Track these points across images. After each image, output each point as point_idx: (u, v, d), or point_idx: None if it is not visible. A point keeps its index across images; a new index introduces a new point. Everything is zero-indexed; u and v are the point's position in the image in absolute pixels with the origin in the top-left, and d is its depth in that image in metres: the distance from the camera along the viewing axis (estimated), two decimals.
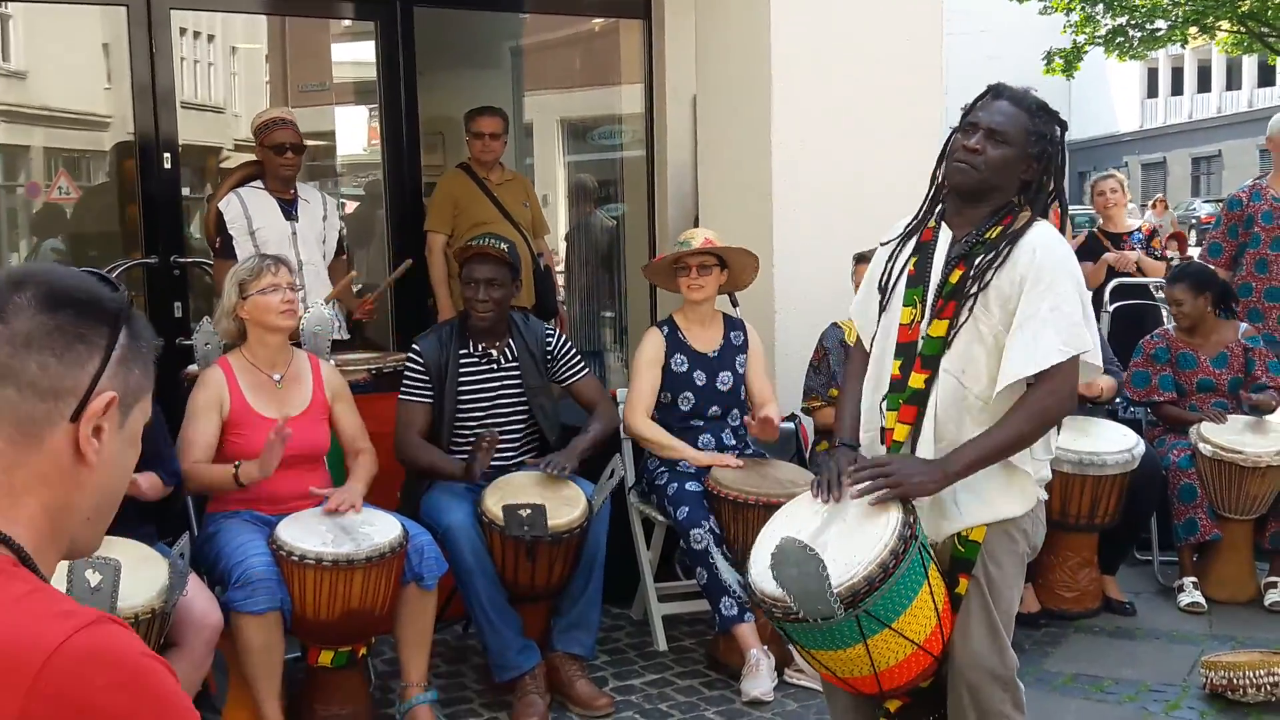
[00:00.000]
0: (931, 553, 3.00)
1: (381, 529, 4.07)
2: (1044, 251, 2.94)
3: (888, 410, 3.09)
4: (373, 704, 4.37)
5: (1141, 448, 5.20)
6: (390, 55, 6.76)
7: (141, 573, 3.58)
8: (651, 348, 4.99)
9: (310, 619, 3.97)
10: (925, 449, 3.01)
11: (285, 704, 4.05)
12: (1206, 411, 5.53)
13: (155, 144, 6.08)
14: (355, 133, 11.39)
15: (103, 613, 1.28)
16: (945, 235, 3.10)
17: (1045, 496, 3.16)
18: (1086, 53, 24.71)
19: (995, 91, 3.08)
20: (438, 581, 4.17)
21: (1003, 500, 3.03)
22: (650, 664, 4.85)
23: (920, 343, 3.04)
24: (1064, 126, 3.11)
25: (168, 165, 6.13)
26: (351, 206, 11.33)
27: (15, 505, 1.33)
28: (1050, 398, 2.92)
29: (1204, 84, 43.64)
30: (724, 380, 4.98)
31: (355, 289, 6.37)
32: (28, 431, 1.33)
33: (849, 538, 2.91)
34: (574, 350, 4.85)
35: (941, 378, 3.00)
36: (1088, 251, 7.34)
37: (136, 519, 3.96)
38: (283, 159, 5.51)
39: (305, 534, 3.99)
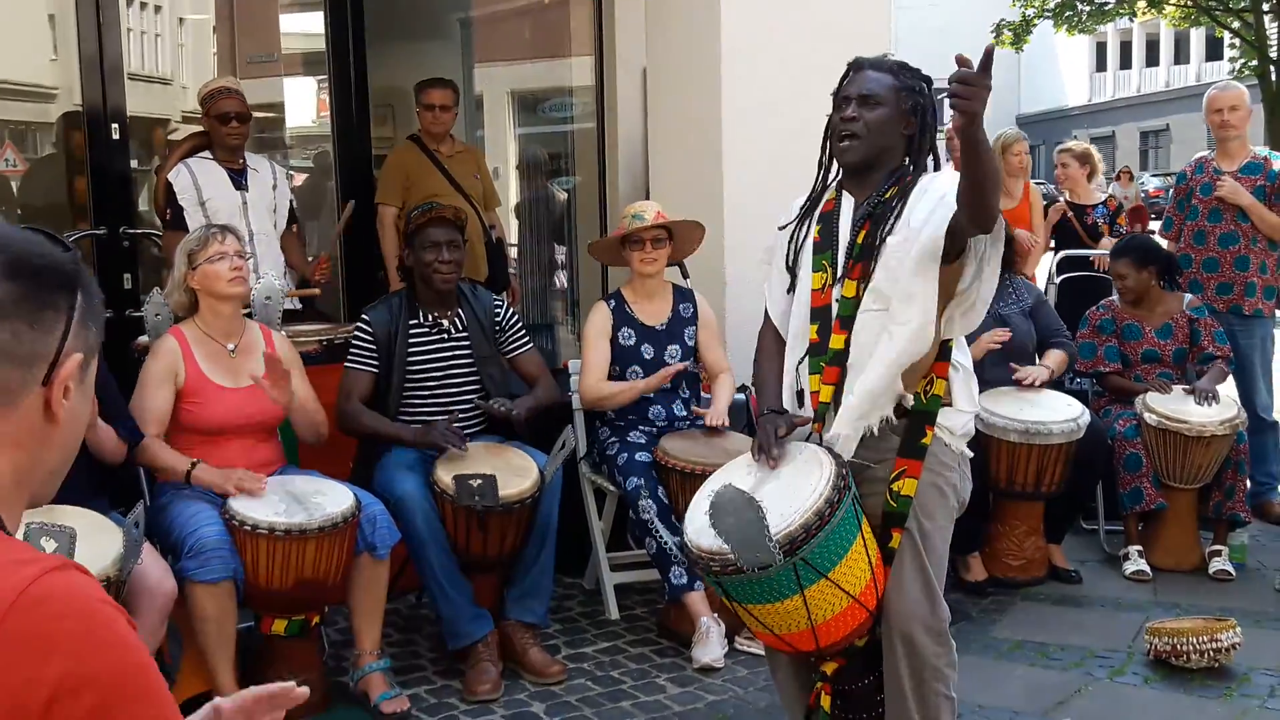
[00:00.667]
0: (863, 509, 3.07)
1: (334, 499, 4.08)
2: (934, 176, 3.14)
3: (809, 373, 3.18)
4: (326, 672, 4.39)
5: (1087, 417, 5.28)
6: (339, 26, 6.71)
7: (96, 541, 3.56)
8: (599, 321, 5.01)
9: (263, 588, 3.97)
10: (848, 403, 3.09)
11: (239, 672, 4.05)
12: (1152, 382, 5.62)
13: (103, 115, 6.00)
14: (304, 104, 11.30)
15: (66, 558, 1.30)
16: (848, 202, 3.21)
17: (970, 454, 3.25)
18: (1036, 25, 24.88)
19: (855, 65, 3.20)
20: (390, 551, 4.19)
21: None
22: (602, 632, 4.90)
23: (835, 305, 3.13)
24: (929, 81, 3.21)
25: (116, 136, 6.06)
26: (300, 179, 11.27)
27: None
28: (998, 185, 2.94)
29: (1152, 58, 44.07)
30: (672, 353, 5.00)
31: (309, 257, 6.34)
32: (2, 399, 1.34)
33: (783, 493, 2.97)
34: (520, 323, 4.87)
35: (860, 318, 3.08)
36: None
37: (90, 489, 3.95)
38: (228, 128, 5.48)
39: (258, 504, 3.99)
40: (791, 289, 3.29)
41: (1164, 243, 6.31)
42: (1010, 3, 24.74)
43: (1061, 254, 7.29)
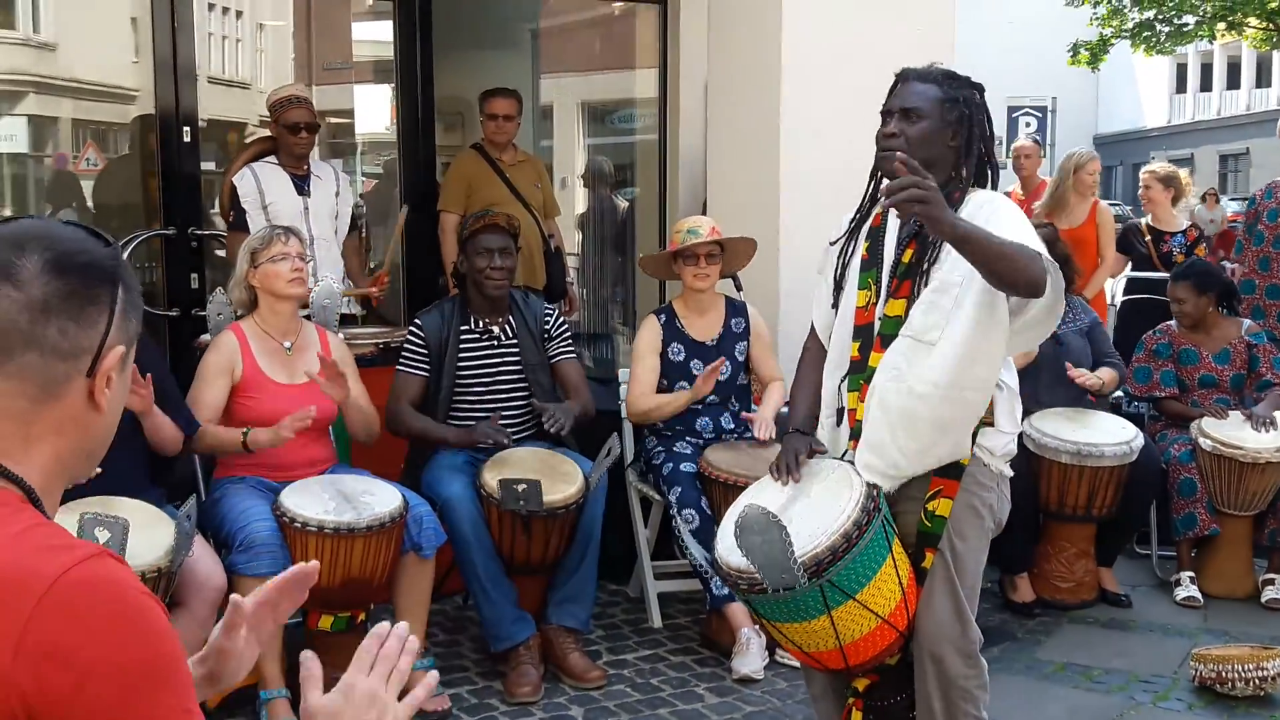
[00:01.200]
0: (895, 529, 3.05)
1: (382, 499, 4.15)
2: (989, 201, 3.05)
3: (849, 391, 3.15)
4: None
5: (1140, 440, 5.23)
6: (408, 34, 6.81)
7: (149, 533, 3.67)
8: (649, 336, 5.04)
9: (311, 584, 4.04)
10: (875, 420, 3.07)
11: (285, 665, 4.14)
12: (1208, 407, 5.56)
13: (175, 117, 6.13)
14: (376, 111, 11.47)
15: (103, 547, 1.36)
16: (894, 217, 3.15)
17: (1010, 473, 3.21)
18: (1113, 45, 24.62)
19: (902, 76, 3.16)
20: (436, 552, 4.25)
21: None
22: (644, 640, 4.93)
23: (878, 323, 3.10)
24: (979, 89, 3.16)
25: (187, 139, 6.18)
26: (370, 184, 11.42)
27: (29, 453, 1.41)
28: (1029, 258, 2.85)
29: (1233, 80, 43.37)
30: (722, 369, 5.02)
31: (372, 265, 6.44)
32: (49, 390, 1.41)
33: (813, 512, 2.97)
34: (568, 332, 4.93)
35: (898, 342, 3.05)
36: (1122, 244, 7.33)
37: (145, 482, 4.08)
38: (296, 138, 5.59)
39: (309, 501, 4.07)
40: (836, 305, 3.27)
41: (1236, 268, 6.24)
42: (1088, 22, 24.50)
43: (1128, 275, 7.22)
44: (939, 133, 3.08)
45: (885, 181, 3.09)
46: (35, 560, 1.28)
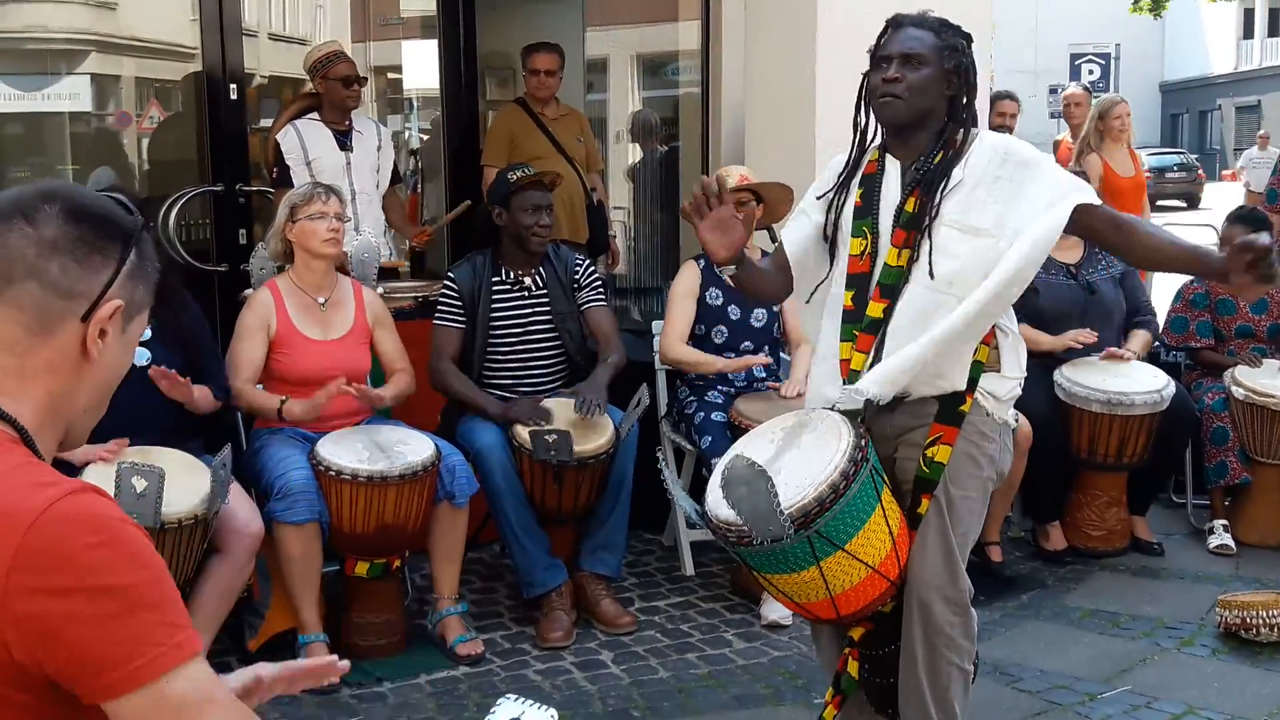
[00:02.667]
0: (885, 478, 3.05)
1: (415, 448, 4.26)
2: (1009, 152, 3.04)
3: (841, 341, 3.12)
4: (408, 615, 4.58)
5: (1171, 389, 5.23)
6: None
7: (185, 481, 3.80)
8: (687, 279, 5.10)
9: (347, 532, 4.18)
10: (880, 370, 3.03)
11: (324, 611, 4.28)
12: (1243, 356, 5.55)
13: (223, 75, 6.23)
14: (427, 67, 11.53)
15: (86, 482, 1.46)
16: (893, 165, 3.11)
17: (1015, 424, 3.21)
18: None
19: (895, 22, 3.11)
20: (469, 500, 4.36)
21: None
22: (676, 587, 5.03)
23: (878, 271, 3.06)
24: (969, 39, 3.13)
25: (234, 96, 6.29)
26: (423, 139, 11.51)
27: (24, 388, 1.50)
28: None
29: None
30: (758, 316, 5.07)
31: (421, 221, 6.53)
32: (44, 324, 1.49)
33: (802, 462, 2.97)
34: (598, 280, 5.00)
35: (911, 291, 3.02)
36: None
37: (187, 432, 4.21)
38: (350, 91, 5.70)
39: (343, 451, 4.19)
40: (833, 259, 3.21)
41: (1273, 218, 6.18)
42: None
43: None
44: (937, 80, 3.04)
45: (874, 124, 3.15)
46: (21, 496, 1.38)
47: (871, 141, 3.20)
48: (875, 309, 3.06)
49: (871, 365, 3.05)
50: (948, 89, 3.07)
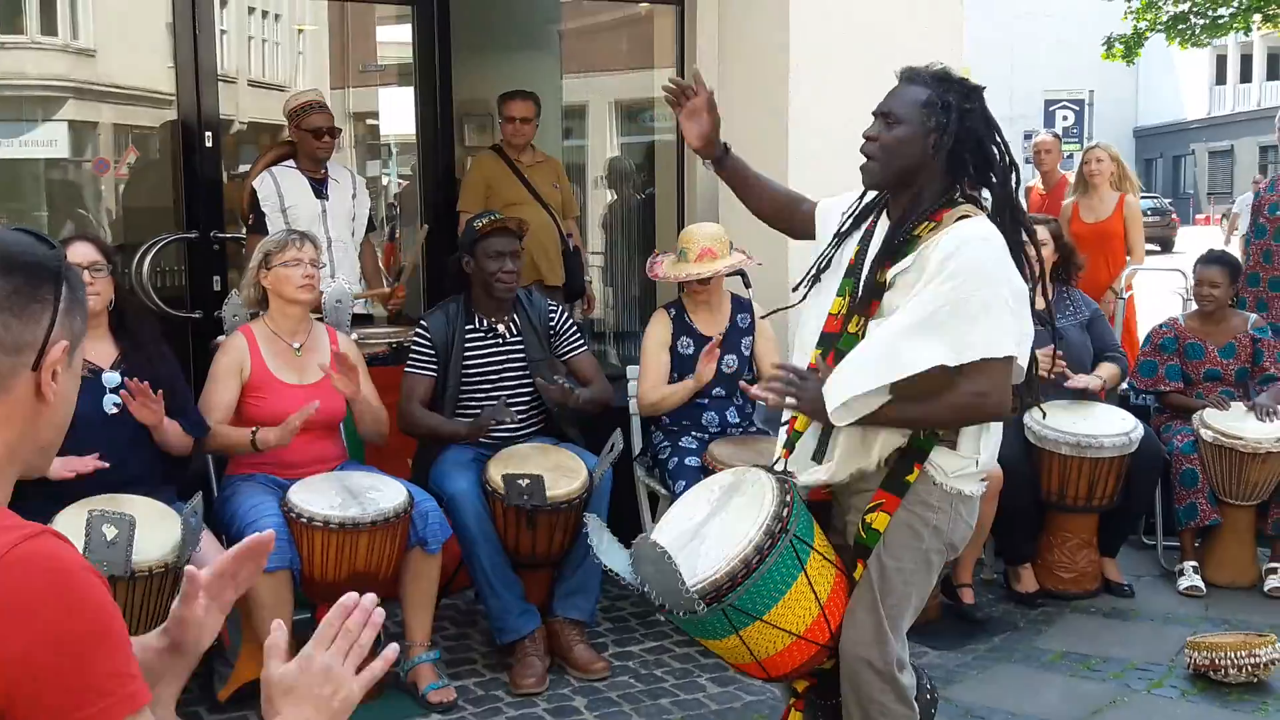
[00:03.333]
0: (814, 544, 2.96)
1: (388, 494, 4.27)
2: (949, 255, 2.82)
3: None
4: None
5: (1140, 431, 5.29)
6: (426, 36, 6.92)
7: (156, 529, 3.80)
8: (659, 331, 5.15)
9: (318, 579, 4.17)
10: (832, 458, 3.01)
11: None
12: (1211, 399, 5.60)
13: (197, 121, 6.25)
14: (403, 113, 11.62)
15: (46, 527, 1.47)
16: (883, 225, 3.04)
17: (975, 495, 3.06)
18: (1148, 38, 24.43)
19: (900, 77, 3.02)
20: (441, 546, 4.36)
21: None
22: (650, 632, 5.02)
23: (840, 337, 2.99)
24: (975, 92, 2.95)
25: (209, 143, 6.31)
26: (397, 186, 11.57)
27: None
28: (975, 398, 2.83)
29: (1273, 71, 43.03)
30: (728, 363, 5.11)
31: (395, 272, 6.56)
32: None
33: (724, 531, 2.92)
34: (574, 326, 5.04)
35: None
36: None
37: (158, 479, 4.20)
38: (320, 142, 5.74)
39: (315, 497, 4.20)
40: (811, 287, 3.15)
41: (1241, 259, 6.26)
42: (1122, 15, 24.33)
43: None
44: (916, 138, 2.90)
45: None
46: None
47: (871, 200, 3.11)
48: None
49: (819, 439, 3.03)
50: (933, 147, 2.91)
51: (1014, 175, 3.02)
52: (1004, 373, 2.86)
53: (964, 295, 2.79)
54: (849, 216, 3.14)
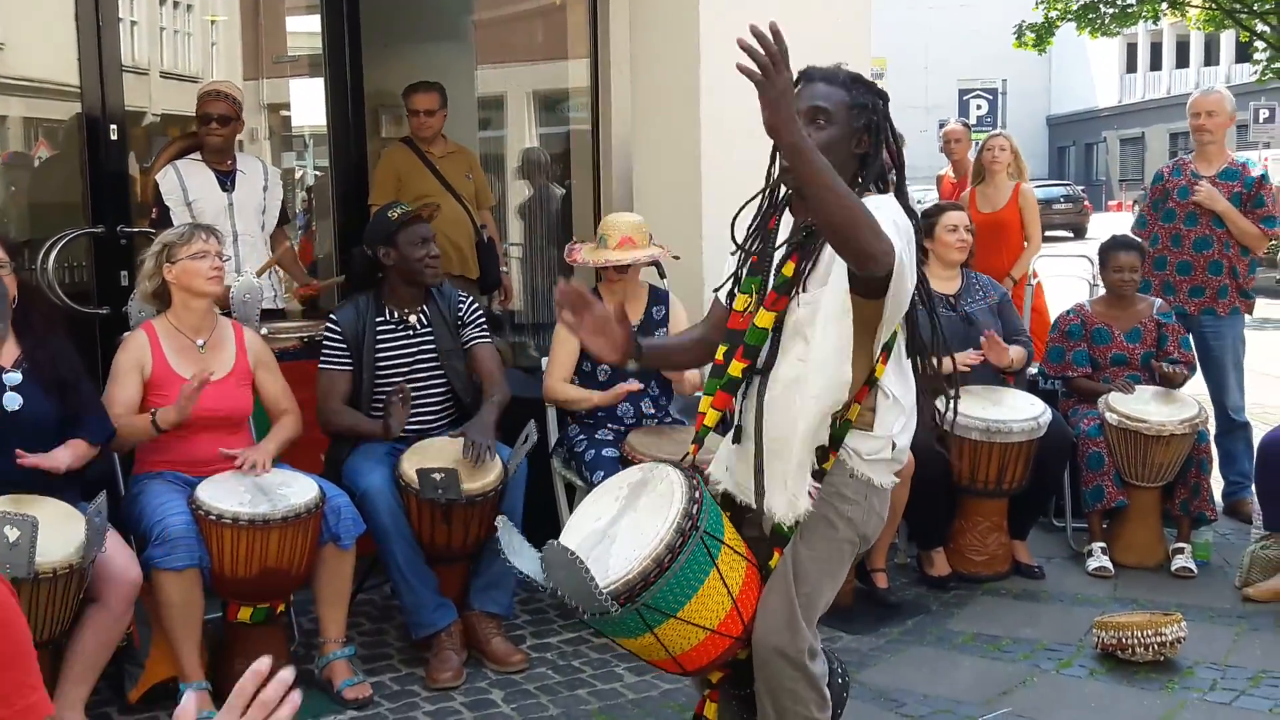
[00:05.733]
0: (724, 538, 2.96)
1: (299, 490, 4.22)
2: (876, 208, 2.74)
3: (705, 394, 3.07)
4: (294, 659, 4.52)
5: (1048, 416, 5.38)
6: (336, 26, 6.85)
7: (60, 530, 3.72)
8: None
9: (228, 577, 4.12)
10: (747, 441, 3.03)
11: (206, 658, 4.22)
12: (1117, 383, 5.70)
13: (102, 114, 6.14)
14: (316, 105, 11.48)
15: None
16: (788, 221, 3.04)
17: (888, 486, 3.08)
18: (1059, 27, 24.81)
19: (806, 76, 2.98)
20: (355, 542, 4.33)
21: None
22: (568, 624, 5.01)
23: (747, 333, 2.98)
24: (884, 98, 3.02)
25: (114, 136, 6.20)
26: (313, 179, 11.44)
27: None
28: (876, 232, 2.63)
29: (1182, 60, 43.84)
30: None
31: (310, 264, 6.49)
32: None
33: (634, 530, 2.91)
34: (482, 318, 5.00)
35: (784, 362, 2.96)
36: None
37: (62, 480, 4.11)
38: (207, 129, 5.65)
39: (223, 494, 4.14)
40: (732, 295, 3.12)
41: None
42: (1034, 4, 24.67)
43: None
44: (844, 139, 2.94)
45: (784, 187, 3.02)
46: None
47: (778, 196, 3.09)
48: (736, 368, 3.00)
49: (732, 423, 3.05)
50: (856, 147, 2.97)
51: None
52: (890, 251, 2.70)
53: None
54: (748, 229, 3.13)
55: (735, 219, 3.17)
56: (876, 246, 2.64)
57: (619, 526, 2.95)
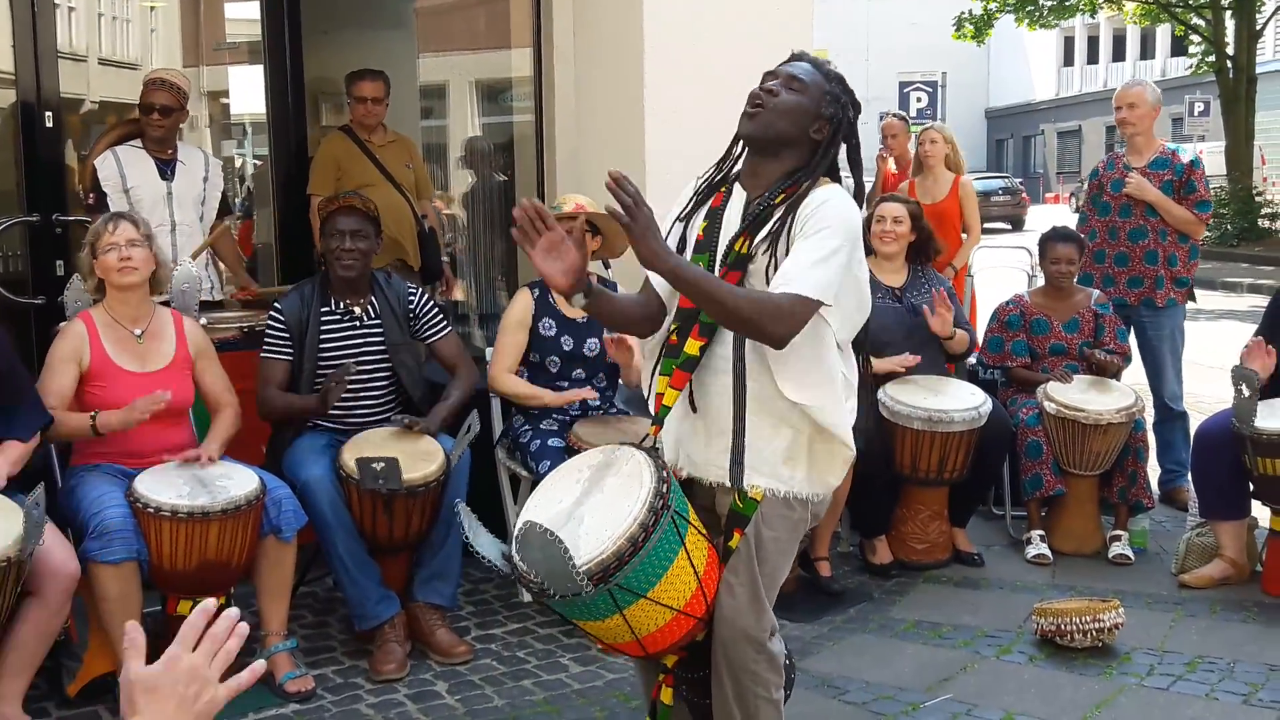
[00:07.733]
0: (689, 517, 2.98)
1: (239, 482, 4.18)
2: (818, 205, 2.91)
3: (660, 375, 3.08)
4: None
5: (989, 406, 5.43)
6: (275, 13, 6.79)
7: None
8: (520, 309, 5.10)
9: (167, 569, 4.07)
10: (713, 416, 3.05)
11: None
12: (1055, 373, 5.77)
13: (36, 102, 6.04)
14: (256, 92, 11.36)
15: None
16: (738, 197, 3.05)
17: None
18: (998, 19, 25.04)
19: (798, 55, 3.08)
20: (295, 534, 4.29)
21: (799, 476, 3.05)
22: (513, 614, 5.02)
23: (698, 311, 2.97)
24: (857, 107, 3.07)
25: (49, 124, 6.10)
26: (253, 167, 11.32)
27: None
28: (779, 314, 2.80)
29: (1119, 53, 44.36)
30: (591, 346, 5.09)
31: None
32: None
33: (603, 510, 2.90)
34: (436, 310, 4.96)
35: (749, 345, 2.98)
36: None
37: None
38: (149, 118, 5.59)
39: (162, 486, 4.09)
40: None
41: None
42: None
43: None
44: (808, 113, 2.98)
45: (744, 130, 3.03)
46: None
47: (731, 167, 3.12)
48: (693, 346, 3.01)
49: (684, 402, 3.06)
50: (815, 130, 3.00)
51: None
52: (808, 313, 2.84)
53: (823, 235, 2.87)
54: (691, 199, 3.14)
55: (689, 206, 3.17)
56: (781, 329, 2.82)
57: (585, 508, 2.94)
